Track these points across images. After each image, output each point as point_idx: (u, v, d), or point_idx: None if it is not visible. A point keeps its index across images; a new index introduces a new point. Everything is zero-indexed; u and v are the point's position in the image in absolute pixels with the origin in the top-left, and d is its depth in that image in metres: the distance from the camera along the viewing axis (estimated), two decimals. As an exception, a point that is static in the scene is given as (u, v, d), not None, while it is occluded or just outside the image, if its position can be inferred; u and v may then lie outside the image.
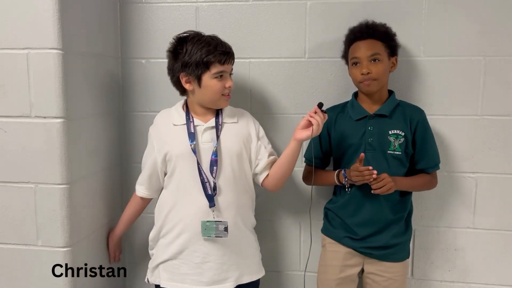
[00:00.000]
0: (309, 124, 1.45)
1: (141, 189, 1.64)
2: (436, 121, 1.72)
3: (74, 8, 1.49)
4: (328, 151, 1.66)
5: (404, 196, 1.60)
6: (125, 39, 1.84)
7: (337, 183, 1.58)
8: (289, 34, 1.76)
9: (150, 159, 1.59)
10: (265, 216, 1.84)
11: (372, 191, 1.48)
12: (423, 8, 1.68)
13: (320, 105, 1.46)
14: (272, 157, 1.60)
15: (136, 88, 1.86)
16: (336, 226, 1.63)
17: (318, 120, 1.43)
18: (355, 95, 1.64)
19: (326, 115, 1.47)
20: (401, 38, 1.68)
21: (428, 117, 1.71)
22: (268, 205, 1.85)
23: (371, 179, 1.45)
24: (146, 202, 1.70)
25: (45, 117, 1.45)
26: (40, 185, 1.49)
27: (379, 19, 1.61)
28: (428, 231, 1.80)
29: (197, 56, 1.45)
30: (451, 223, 1.78)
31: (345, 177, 1.53)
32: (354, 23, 1.63)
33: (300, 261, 1.87)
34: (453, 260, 1.80)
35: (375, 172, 1.44)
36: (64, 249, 1.51)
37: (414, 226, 1.79)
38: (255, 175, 1.61)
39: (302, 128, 1.48)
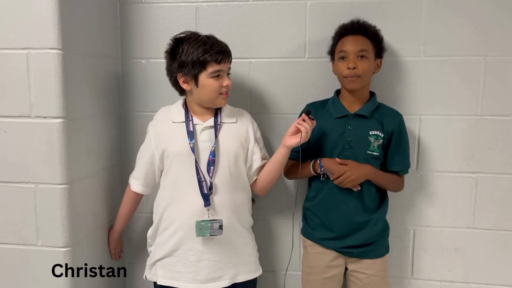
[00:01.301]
0: (298, 130, 1.48)
1: (136, 184, 1.64)
2: (436, 121, 1.72)
3: (74, 8, 1.49)
4: (307, 146, 1.65)
5: (383, 194, 1.63)
6: (125, 39, 1.84)
7: (313, 172, 1.59)
8: (289, 34, 1.76)
9: (147, 155, 1.59)
10: (261, 216, 1.84)
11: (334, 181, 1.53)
12: (423, 8, 1.68)
13: (308, 113, 1.48)
14: (264, 161, 1.61)
15: (136, 88, 1.86)
16: (315, 227, 1.64)
17: (307, 127, 1.46)
18: (337, 92, 1.65)
19: (314, 121, 1.49)
20: (401, 38, 1.68)
21: (428, 117, 1.71)
22: (264, 205, 1.84)
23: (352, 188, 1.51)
24: (141, 197, 1.70)
25: (45, 117, 1.45)
26: (40, 185, 1.49)
27: (379, 19, 1.61)
28: (428, 231, 1.80)
29: (193, 55, 1.46)
30: (451, 223, 1.78)
31: (321, 167, 1.55)
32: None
33: (298, 261, 1.86)
34: (453, 260, 1.80)
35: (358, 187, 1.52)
36: (64, 249, 1.51)
37: (414, 226, 1.80)
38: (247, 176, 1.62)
39: (291, 134, 1.50)
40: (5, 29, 1.43)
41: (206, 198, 1.49)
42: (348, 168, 1.51)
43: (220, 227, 1.49)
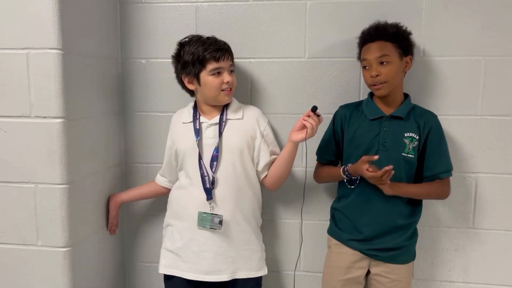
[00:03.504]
0: (304, 126, 1.48)
1: (163, 180, 1.75)
2: (436, 121, 1.72)
3: (74, 8, 1.49)
4: (341, 147, 1.64)
5: (415, 205, 1.59)
6: (125, 39, 1.84)
7: (345, 177, 1.57)
8: (289, 34, 1.76)
9: (166, 156, 1.70)
10: (265, 216, 1.84)
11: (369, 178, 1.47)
12: (423, 8, 1.68)
13: (313, 109, 1.48)
14: (273, 157, 1.62)
15: (136, 88, 1.86)
16: (343, 228, 1.63)
17: (312, 123, 1.46)
18: (371, 95, 1.62)
19: (321, 117, 1.49)
20: (401, 38, 1.68)
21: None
22: (268, 204, 1.84)
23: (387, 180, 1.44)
24: (163, 192, 1.76)
25: (45, 117, 1.45)
26: (40, 185, 1.49)
27: (379, 19, 1.61)
28: (428, 231, 1.80)
29: (193, 55, 1.52)
30: (451, 223, 1.78)
31: (347, 174, 1.54)
32: (354, 23, 1.63)
33: (300, 261, 1.87)
34: (453, 260, 1.80)
35: (390, 169, 1.43)
36: (64, 249, 1.51)
37: (414, 226, 1.80)
38: (256, 172, 1.63)
39: (297, 130, 1.51)
40: (5, 29, 1.43)
41: (208, 192, 1.54)
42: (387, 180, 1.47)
43: (220, 222, 1.53)
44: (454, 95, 1.71)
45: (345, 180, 1.58)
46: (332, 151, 1.66)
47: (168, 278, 1.64)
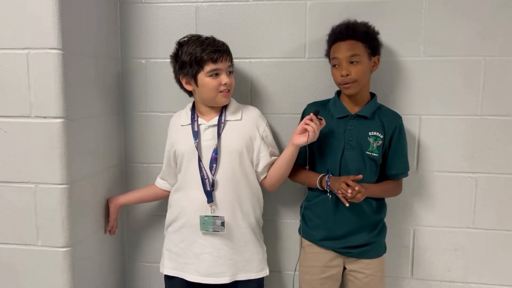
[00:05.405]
0: (306, 129, 1.48)
1: (163, 183, 1.73)
2: (436, 121, 1.72)
3: (74, 8, 1.49)
4: (308, 146, 1.63)
5: (381, 202, 1.62)
6: (125, 39, 1.84)
7: (319, 187, 1.57)
8: (289, 34, 1.76)
9: (165, 158, 1.69)
10: (266, 216, 1.84)
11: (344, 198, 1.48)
12: (423, 8, 1.68)
13: (316, 113, 1.48)
14: (273, 158, 1.62)
15: (136, 88, 1.86)
16: (313, 227, 1.64)
17: (314, 127, 1.46)
18: (338, 93, 1.64)
19: (323, 121, 1.50)
20: (401, 38, 1.69)
21: (428, 117, 1.71)
22: (268, 205, 1.84)
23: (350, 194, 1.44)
24: (163, 195, 1.75)
25: (45, 117, 1.45)
26: (40, 185, 1.49)
27: (379, 19, 1.61)
28: (428, 231, 1.80)
29: (191, 56, 1.51)
30: (451, 223, 1.78)
31: (328, 185, 1.53)
32: (354, 23, 1.63)
33: (300, 261, 1.86)
34: (453, 260, 1.80)
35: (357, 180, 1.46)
36: (64, 249, 1.51)
37: (414, 226, 1.80)
38: (256, 173, 1.63)
39: (299, 133, 1.51)
40: (5, 29, 1.43)
41: (209, 195, 1.54)
42: (363, 188, 1.46)
43: (222, 224, 1.53)
44: (454, 95, 1.71)
45: (325, 189, 1.55)
46: (302, 151, 1.61)
47: (169, 279, 1.65)
